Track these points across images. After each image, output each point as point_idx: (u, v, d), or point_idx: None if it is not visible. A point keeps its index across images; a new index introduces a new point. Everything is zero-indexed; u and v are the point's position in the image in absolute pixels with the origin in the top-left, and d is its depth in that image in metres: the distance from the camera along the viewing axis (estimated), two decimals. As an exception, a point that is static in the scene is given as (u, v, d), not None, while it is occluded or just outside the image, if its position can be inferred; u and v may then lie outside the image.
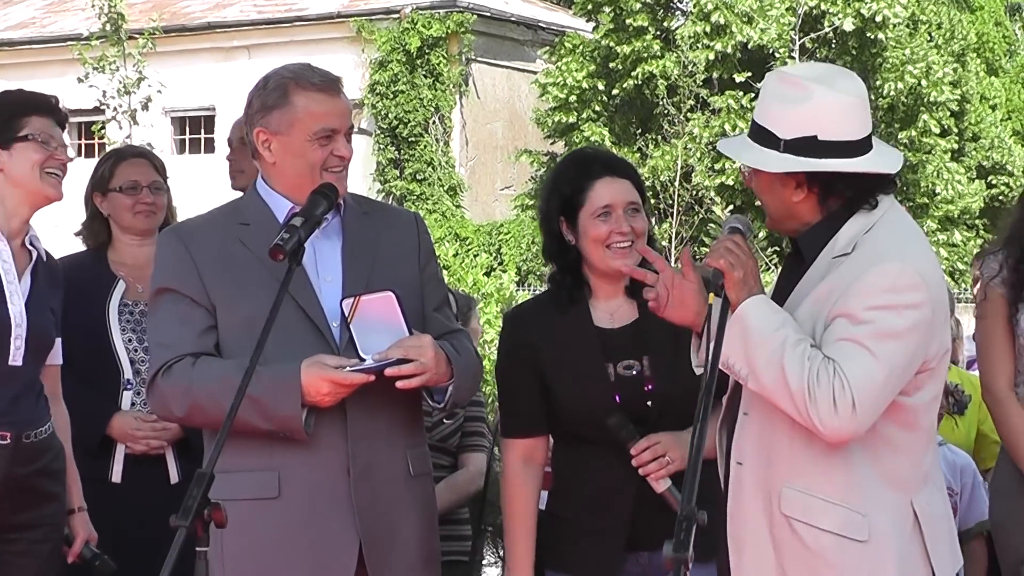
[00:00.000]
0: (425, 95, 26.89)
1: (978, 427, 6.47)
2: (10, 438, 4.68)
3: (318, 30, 27.68)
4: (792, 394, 3.64)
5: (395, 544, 4.24)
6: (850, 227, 3.84)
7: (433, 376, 4.12)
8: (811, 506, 3.77)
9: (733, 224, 3.89)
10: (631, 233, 4.40)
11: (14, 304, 4.70)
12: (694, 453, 3.38)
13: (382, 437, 4.23)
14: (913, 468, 3.86)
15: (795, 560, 3.80)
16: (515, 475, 4.54)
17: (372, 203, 4.55)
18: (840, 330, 3.70)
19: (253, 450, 4.14)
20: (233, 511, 3.72)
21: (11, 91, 4.97)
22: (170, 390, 4.17)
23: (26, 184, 4.76)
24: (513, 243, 26.06)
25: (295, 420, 4.06)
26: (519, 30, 28.83)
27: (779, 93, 3.86)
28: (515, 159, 27.44)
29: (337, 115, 4.24)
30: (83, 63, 20.06)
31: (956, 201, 26.73)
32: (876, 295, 3.69)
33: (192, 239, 4.26)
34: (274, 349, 3.91)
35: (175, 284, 4.22)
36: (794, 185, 3.84)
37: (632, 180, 4.49)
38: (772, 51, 24.92)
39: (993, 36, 32.47)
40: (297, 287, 4.13)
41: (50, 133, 4.78)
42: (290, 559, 4.16)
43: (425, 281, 4.37)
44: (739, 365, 3.71)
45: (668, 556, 3.18)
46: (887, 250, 3.77)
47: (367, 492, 4.20)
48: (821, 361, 3.64)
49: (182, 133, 28.75)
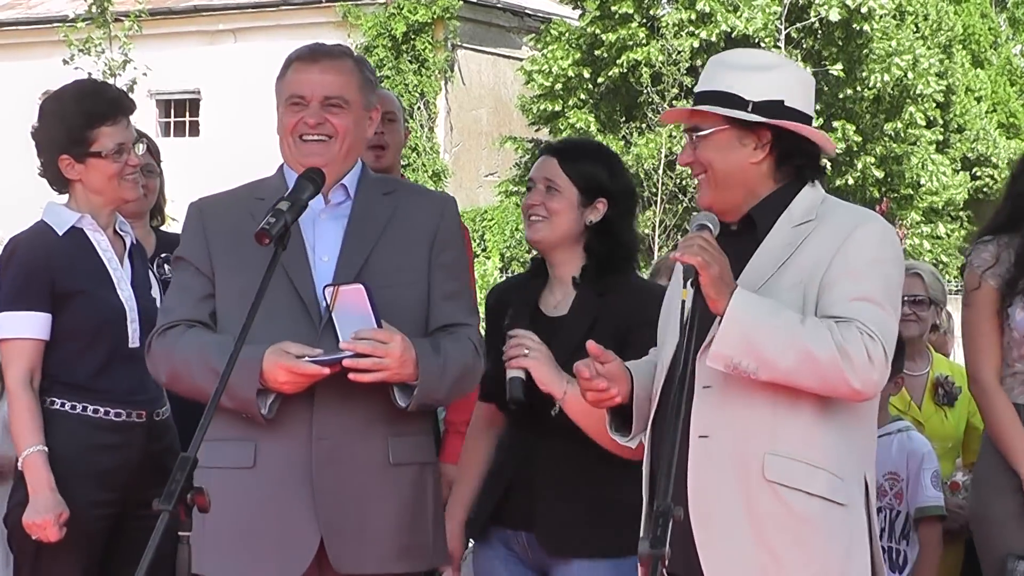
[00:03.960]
0: (410, 81, 26.83)
1: (968, 419, 6.47)
2: (145, 416, 4.94)
3: (304, 14, 27.61)
4: (822, 365, 3.71)
5: (365, 533, 4.21)
6: (803, 198, 3.96)
7: (394, 374, 4.10)
8: (797, 471, 3.81)
9: (701, 221, 3.91)
10: (541, 207, 4.62)
11: (123, 289, 4.97)
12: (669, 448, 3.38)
13: (357, 424, 4.21)
14: (866, 439, 3.99)
15: (777, 528, 3.81)
16: (471, 436, 4.90)
17: (401, 184, 4.60)
18: (847, 289, 3.80)
19: (236, 420, 4.19)
20: (215, 478, 3.84)
21: (79, 93, 5.09)
22: (159, 353, 4.29)
23: (104, 193, 5.00)
24: (497, 229, 26.05)
25: (252, 404, 4.10)
26: (505, 16, 28.78)
27: (742, 64, 4.00)
28: (500, 146, 27.40)
29: (307, 83, 4.28)
30: (69, 45, 20.02)
31: (940, 193, 26.75)
32: (872, 250, 3.84)
33: (209, 211, 4.38)
34: (259, 323, 3.93)
35: (185, 253, 4.35)
36: (754, 145, 3.95)
37: (560, 158, 4.68)
38: (758, 41, 24.88)
39: (979, 28, 32.47)
40: (293, 264, 4.19)
41: (121, 141, 4.98)
42: (259, 529, 4.20)
43: (436, 268, 4.34)
44: (745, 362, 3.73)
45: (644, 553, 3.16)
46: (859, 212, 3.97)
47: (331, 478, 4.19)
48: (840, 324, 3.74)
49: (167, 116, 28.66)
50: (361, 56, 4.49)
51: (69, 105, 5.00)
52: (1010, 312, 4.94)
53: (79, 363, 4.89)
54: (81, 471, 4.82)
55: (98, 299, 4.91)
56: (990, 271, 4.97)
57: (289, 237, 3.97)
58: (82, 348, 4.90)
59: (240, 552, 4.21)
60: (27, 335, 4.86)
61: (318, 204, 4.28)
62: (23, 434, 4.83)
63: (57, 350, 4.89)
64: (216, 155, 25.55)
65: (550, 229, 4.61)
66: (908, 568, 5.78)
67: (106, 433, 4.88)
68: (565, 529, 4.52)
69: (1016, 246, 4.95)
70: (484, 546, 4.73)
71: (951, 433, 6.36)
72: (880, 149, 25.56)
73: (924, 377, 6.41)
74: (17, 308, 4.88)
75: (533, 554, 4.59)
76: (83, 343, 4.90)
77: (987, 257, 5.00)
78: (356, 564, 4.22)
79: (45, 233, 4.96)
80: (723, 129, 3.95)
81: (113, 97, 5.08)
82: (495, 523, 4.65)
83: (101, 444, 4.87)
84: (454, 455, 5.31)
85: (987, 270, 4.98)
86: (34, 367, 4.86)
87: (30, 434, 4.81)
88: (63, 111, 4.99)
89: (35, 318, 4.87)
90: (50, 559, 4.83)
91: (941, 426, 6.33)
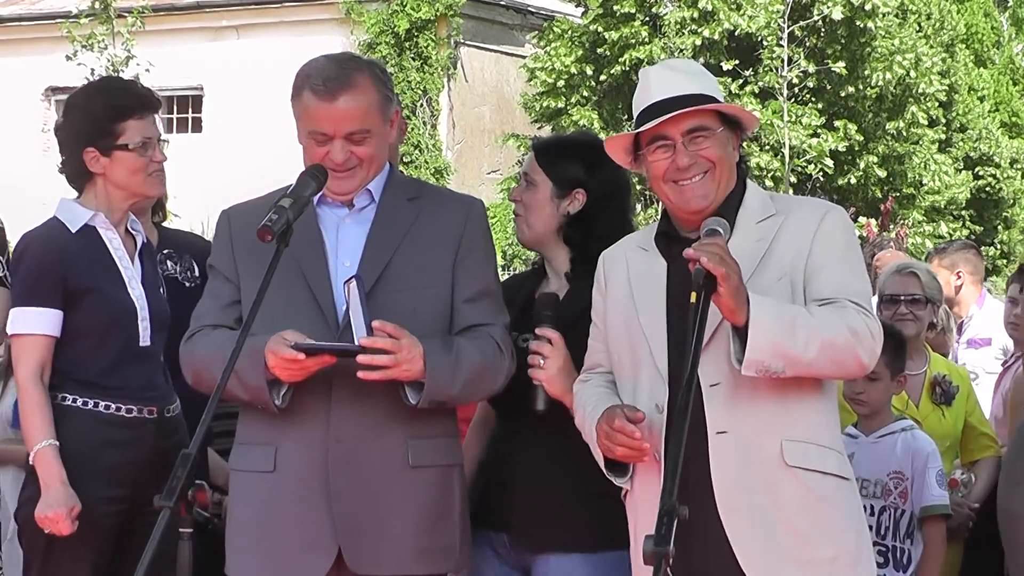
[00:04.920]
0: (413, 78, 26.81)
1: (965, 419, 6.48)
2: (156, 412, 4.97)
3: (307, 11, 27.57)
4: (839, 349, 3.89)
5: (382, 535, 4.23)
6: (753, 194, 4.17)
7: (401, 372, 4.12)
8: (811, 453, 3.98)
9: (712, 226, 3.94)
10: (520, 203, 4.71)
11: (134, 288, 5.00)
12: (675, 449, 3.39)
13: (374, 425, 4.23)
14: (836, 417, 4.17)
15: (800, 510, 3.95)
16: (468, 434, 4.87)
17: (428, 188, 4.61)
18: (832, 274, 4.01)
19: (260, 424, 4.27)
20: (242, 481, 4.12)
21: (108, 87, 5.18)
22: (185, 357, 4.38)
23: (128, 188, 5.02)
24: (499, 227, 26.00)
25: (262, 391, 4.13)
26: (508, 14, 28.76)
27: (691, 70, 4.19)
28: (502, 143, 27.37)
29: (329, 120, 4.25)
30: (72, 41, 20.02)
31: (943, 192, 26.72)
32: (842, 236, 4.09)
33: (236, 218, 4.44)
34: (278, 326, 4.07)
35: (216, 261, 4.44)
36: (733, 145, 4.16)
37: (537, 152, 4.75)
38: (760, 39, 24.87)
39: (982, 27, 32.44)
40: (311, 269, 4.24)
41: (148, 135, 5.00)
42: (281, 533, 4.23)
43: (461, 271, 4.35)
44: (775, 364, 3.85)
45: (648, 551, 3.18)
46: (816, 203, 4.23)
47: (347, 480, 4.21)
48: (836, 306, 3.94)
49: (170, 112, 28.59)
50: (372, 61, 4.47)
51: (96, 99, 5.04)
52: None
53: (90, 360, 4.92)
54: (92, 467, 4.85)
55: (110, 297, 4.94)
56: None
57: (291, 234, 3.99)
58: (94, 345, 4.93)
59: (262, 555, 4.26)
60: (38, 331, 4.89)
61: (342, 210, 4.32)
62: (34, 429, 4.85)
63: (69, 347, 4.92)
64: (219, 151, 25.56)
65: (527, 226, 4.69)
66: (912, 567, 5.79)
67: (117, 429, 4.91)
68: (540, 524, 4.50)
69: None
70: None
71: (949, 432, 6.38)
72: (882, 148, 25.52)
73: (922, 376, 6.44)
74: (29, 304, 4.91)
75: (515, 553, 4.58)
76: (95, 340, 4.93)
77: None
78: (373, 565, 4.24)
79: (58, 230, 4.98)
80: (721, 127, 4.11)
81: (141, 92, 5.11)
82: (479, 524, 4.58)
83: (112, 440, 4.90)
84: None
85: None
86: (44, 363, 4.89)
87: (41, 429, 4.84)
88: (90, 104, 5.02)
89: (47, 314, 4.89)
90: (60, 554, 4.86)
91: (939, 425, 6.34)
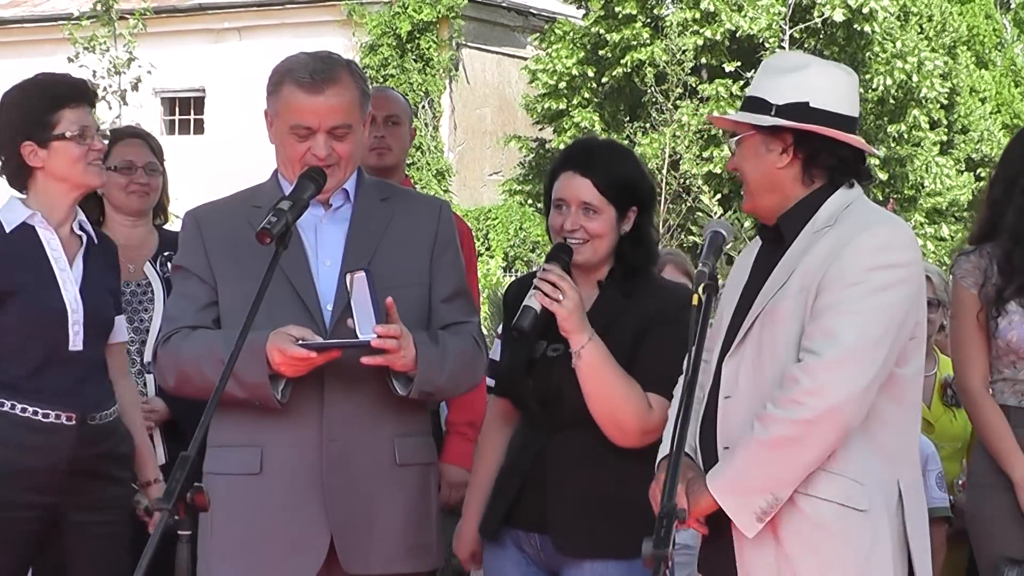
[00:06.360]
0: (415, 79, 26.80)
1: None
2: (75, 419, 4.80)
3: (309, 13, 27.58)
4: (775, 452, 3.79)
5: (373, 533, 4.24)
6: (831, 203, 3.92)
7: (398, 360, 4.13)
8: (812, 477, 3.82)
9: (715, 228, 3.91)
10: (580, 230, 4.48)
11: (67, 290, 4.83)
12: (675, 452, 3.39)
13: (365, 423, 4.24)
14: (900, 444, 3.94)
15: (791, 533, 3.84)
16: (485, 432, 4.80)
17: (396, 190, 4.59)
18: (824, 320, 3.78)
19: (241, 426, 4.22)
20: (222, 485, 3.97)
21: (40, 81, 5.01)
22: (164, 360, 4.31)
23: (69, 179, 4.87)
24: (501, 229, 26.02)
25: (263, 387, 4.11)
26: (510, 16, 28.76)
27: (774, 67, 3.99)
28: (504, 145, 27.37)
29: (314, 113, 4.25)
30: (73, 43, 20.02)
31: (944, 194, 26.70)
32: (862, 263, 3.78)
33: (205, 220, 4.40)
34: (263, 328, 4.00)
35: (185, 262, 4.37)
36: (780, 150, 3.93)
37: (595, 179, 4.50)
38: (762, 40, 24.87)
39: (983, 29, 32.42)
40: (294, 269, 4.21)
41: (85, 124, 4.86)
42: (269, 536, 4.21)
43: (436, 270, 4.37)
44: (766, 499, 3.83)
45: (647, 553, 3.17)
46: (866, 218, 3.88)
47: (341, 479, 4.22)
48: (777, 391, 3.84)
49: (172, 114, 28.64)
50: (351, 61, 4.47)
51: (31, 90, 4.93)
52: (998, 323, 4.95)
53: (13, 362, 4.80)
54: (5, 469, 4.75)
55: (36, 299, 4.79)
56: (973, 281, 4.99)
57: (290, 236, 3.99)
58: (16, 347, 4.79)
59: (250, 559, 4.24)
60: None
61: (319, 210, 4.32)
62: None
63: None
64: (220, 153, 25.56)
65: (592, 251, 4.51)
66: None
67: (32, 433, 4.78)
68: (578, 530, 4.46)
69: (998, 256, 4.97)
70: (495, 547, 4.65)
71: (959, 433, 6.37)
72: (884, 151, 25.51)
73: (932, 378, 6.41)
74: None
75: (545, 555, 4.54)
76: (17, 342, 4.79)
77: (970, 268, 5.01)
78: (364, 564, 4.25)
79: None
80: (751, 135, 3.96)
81: (75, 83, 5.00)
82: (507, 523, 4.57)
83: (27, 444, 4.78)
84: (455, 456, 5.31)
85: (971, 280, 5.00)
86: None
87: None
88: (24, 98, 4.91)
89: None
90: None
91: (950, 426, 6.34)
